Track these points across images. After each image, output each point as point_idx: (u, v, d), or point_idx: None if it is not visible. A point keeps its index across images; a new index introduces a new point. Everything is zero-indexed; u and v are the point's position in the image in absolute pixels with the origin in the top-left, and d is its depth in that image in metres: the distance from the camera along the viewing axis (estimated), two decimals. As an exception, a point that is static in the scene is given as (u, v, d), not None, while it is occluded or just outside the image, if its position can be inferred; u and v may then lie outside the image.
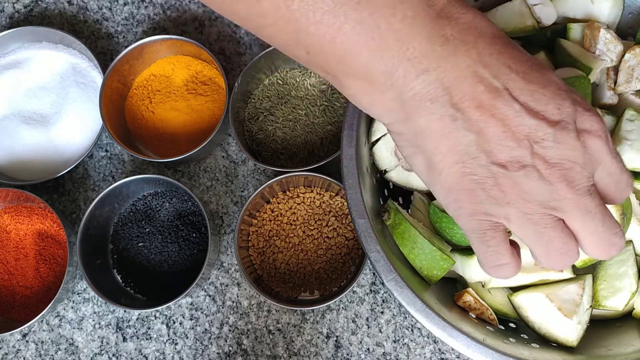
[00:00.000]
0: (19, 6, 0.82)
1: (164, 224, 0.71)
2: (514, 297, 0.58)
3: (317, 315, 0.71)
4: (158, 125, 0.74)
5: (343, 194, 0.70)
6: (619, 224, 0.46)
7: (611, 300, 0.56)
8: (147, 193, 0.73)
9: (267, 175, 0.75)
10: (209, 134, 0.70)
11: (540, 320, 0.57)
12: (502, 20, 0.62)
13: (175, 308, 0.72)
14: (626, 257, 0.57)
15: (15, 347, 0.73)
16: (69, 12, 0.81)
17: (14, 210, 0.73)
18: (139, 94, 0.75)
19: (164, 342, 0.72)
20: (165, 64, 0.76)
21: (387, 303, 0.71)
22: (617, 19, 0.63)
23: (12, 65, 0.76)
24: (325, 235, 0.70)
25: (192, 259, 0.71)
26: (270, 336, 0.71)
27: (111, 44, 0.80)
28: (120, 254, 0.72)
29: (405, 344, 0.70)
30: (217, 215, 0.75)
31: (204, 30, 0.79)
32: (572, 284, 0.57)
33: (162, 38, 0.73)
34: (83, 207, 0.76)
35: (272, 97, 0.74)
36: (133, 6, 0.81)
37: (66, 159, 0.74)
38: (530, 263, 0.57)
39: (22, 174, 0.74)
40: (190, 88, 0.74)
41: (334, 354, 0.70)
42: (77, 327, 0.73)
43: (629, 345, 0.56)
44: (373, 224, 0.55)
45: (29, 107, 0.74)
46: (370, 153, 0.60)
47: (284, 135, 0.72)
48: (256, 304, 0.72)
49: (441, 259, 0.55)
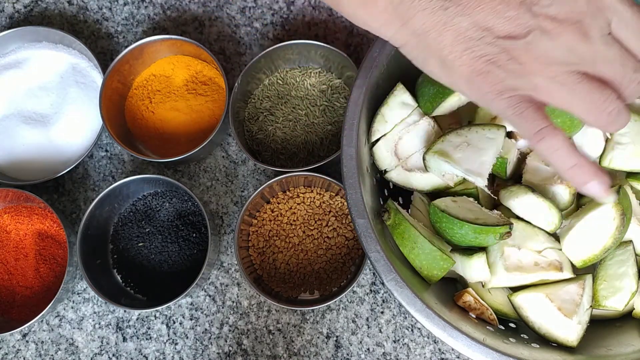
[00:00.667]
0: (19, 6, 0.82)
1: (164, 224, 0.71)
2: (514, 297, 0.58)
3: (317, 315, 0.71)
4: (158, 125, 0.74)
5: (343, 194, 0.70)
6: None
7: (611, 300, 0.56)
8: (147, 193, 0.73)
9: (267, 175, 0.75)
10: (209, 134, 0.70)
11: (541, 320, 0.57)
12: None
13: (175, 308, 0.72)
14: (626, 257, 0.57)
15: (15, 347, 0.73)
16: (69, 12, 0.81)
17: (14, 210, 0.73)
18: (139, 94, 0.75)
19: (164, 342, 0.72)
20: (165, 64, 0.76)
21: (387, 303, 0.71)
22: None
23: (12, 65, 0.76)
24: (325, 235, 0.70)
25: (192, 259, 0.71)
26: (270, 336, 0.71)
27: (111, 44, 0.80)
28: (120, 254, 0.72)
29: (405, 344, 0.70)
30: (217, 215, 0.75)
31: (204, 30, 0.79)
32: (572, 284, 0.57)
33: (162, 38, 0.73)
34: (83, 207, 0.76)
35: (272, 97, 0.74)
36: (133, 6, 0.81)
37: (66, 159, 0.74)
38: (531, 263, 0.57)
39: (22, 174, 0.74)
40: (190, 88, 0.74)
41: (334, 354, 0.70)
42: (77, 327, 0.73)
43: (629, 345, 0.56)
44: (373, 224, 0.55)
45: (29, 107, 0.74)
46: (370, 153, 0.60)
47: (284, 135, 0.72)
48: (256, 304, 0.72)
49: (441, 259, 0.55)
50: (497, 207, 0.60)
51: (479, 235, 0.54)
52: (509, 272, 0.56)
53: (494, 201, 0.60)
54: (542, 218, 0.57)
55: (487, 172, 0.54)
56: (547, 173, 0.58)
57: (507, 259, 0.57)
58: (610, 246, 0.55)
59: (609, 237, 0.55)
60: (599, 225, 0.55)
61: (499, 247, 0.57)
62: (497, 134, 0.56)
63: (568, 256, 0.57)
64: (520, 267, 0.57)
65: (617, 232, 0.54)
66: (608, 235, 0.55)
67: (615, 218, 0.54)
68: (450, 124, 0.62)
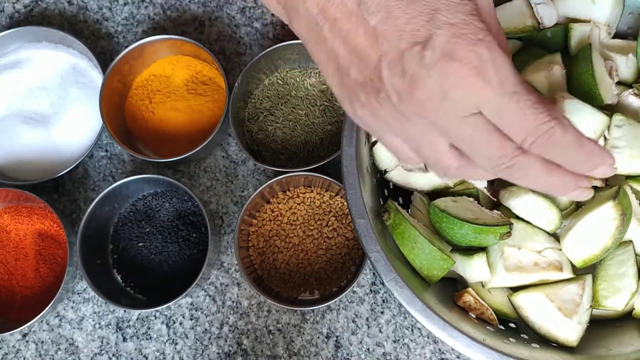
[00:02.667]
0: (19, 6, 0.82)
1: (164, 224, 0.71)
2: (514, 297, 0.58)
3: (317, 315, 0.71)
4: (158, 125, 0.74)
5: (343, 194, 0.70)
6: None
7: (611, 300, 0.56)
8: (147, 193, 0.73)
9: (267, 175, 0.75)
10: (209, 134, 0.70)
11: (541, 320, 0.57)
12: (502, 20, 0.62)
13: (175, 308, 0.72)
14: (626, 257, 0.57)
15: (15, 347, 0.73)
16: (69, 12, 0.81)
17: (13, 210, 0.73)
18: (139, 94, 0.75)
19: (164, 342, 0.72)
20: (165, 64, 0.76)
21: (387, 303, 0.71)
22: (618, 18, 0.63)
23: (12, 65, 0.76)
24: (325, 235, 0.70)
25: (192, 259, 0.71)
26: (270, 336, 0.71)
27: (111, 44, 0.80)
28: (120, 254, 0.72)
29: (405, 344, 0.70)
30: (217, 215, 0.75)
31: (204, 30, 0.79)
32: (572, 284, 0.57)
33: (162, 38, 0.73)
34: (83, 207, 0.76)
35: (272, 97, 0.74)
36: (133, 6, 0.81)
37: (66, 159, 0.74)
38: (530, 263, 0.57)
39: (22, 174, 0.74)
40: (190, 88, 0.74)
41: (334, 354, 0.70)
42: (77, 327, 0.73)
43: (629, 345, 0.56)
44: (373, 224, 0.55)
45: (29, 107, 0.74)
46: (370, 153, 0.60)
47: (284, 135, 0.72)
48: (256, 304, 0.72)
49: (441, 259, 0.55)
50: (497, 207, 0.60)
51: (478, 235, 0.54)
52: (509, 272, 0.56)
53: (493, 201, 0.60)
54: (542, 218, 0.57)
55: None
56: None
57: (507, 259, 0.57)
58: (610, 246, 0.55)
59: (609, 237, 0.55)
60: (598, 225, 0.55)
61: (499, 247, 0.57)
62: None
63: (568, 256, 0.57)
64: (520, 267, 0.57)
65: (617, 232, 0.54)
66: (608, 236, 0.55)
67: (615, 218, 0.54)
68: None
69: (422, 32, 0.36)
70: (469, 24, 0.36)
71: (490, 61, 0.35)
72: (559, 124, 0.36)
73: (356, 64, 0.38)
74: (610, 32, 0.63)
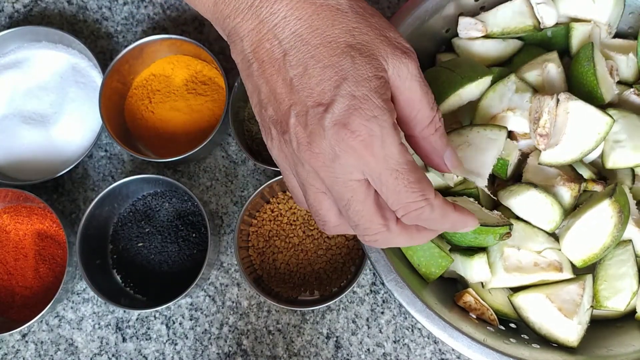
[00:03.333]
0: (18, 6, 0.82)
1: (164, 224, 0.71)
2: (514, 298, 0.58)
3: (317, 315, 0.71)
4: (158, 125, 0.74)
5: (343, 194, 0.70)
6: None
7: (612, 300, 0.56)
8: (147, 193, 0.73)
9: (267, 175, 0.75)
10: (209, 134, 0.70)
11: (541, 320, 0.57)
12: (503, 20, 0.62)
13: (175, 308, 0.72)
14: (626, 258, 0.57)
15: (14, 347, 0.73)
16: (69, 11, 0.81)
17: (13, 210, 0.73)
18: (139, 94, 0.75)
19: (163, 343, 0.72)
20: (165, 63, 0.76)
21: (387, 303, 0.71)
22: (618, 18, 0.63)
23: (12, 65, 0.76)
24: (325, 236, 0.70)
25: (192, 259, 0.71)
26: (270, 336, 0.71)
27: (111, 43, 0.80)
28: (120, 254, 0.72)
29: (405, 344, 0.70)
30: (217, 215, 0.74)
31: (204, 30, 0.79)
32: (572, 284, 0.56)
33: (162, 38, 0.73)
34: (83, 207, 0.76)
35: (272, 97, 0.74)
36: (133, 6, 0.81)
37: (66, 159, 0.73)
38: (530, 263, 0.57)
39: (21, 174, 0.74)
40: (190, 88, 0.74)
41: (334, 355, 0.70)
42: (77, 328, 0.73)
43: (630, 346, 0.56)
44: (373, 224, 0.55)
45: (29, 107, 0.74)
46: (370, 153, 0.60)
47: (284, 135, 0.72)
48: (256, 304, 0.72)
49: (439, 257, 0.55)
50: (497, 208, 0.60)
51: (478, 236, 0.54)
52: (509, 273, 0.56)
53: (494, 201, 0.60)
54: (542, 216, 0.56)
55: (488, 173, 0.54)
56: (549, 173, 0.58)
57: (506, 259, 0.57)
58: (609, 244, 0.55)
59: (608, 235, 0.55)
60: (597, 224, 0.55)
61: (499, 248, 0.57)
62: (499, 134, 0.56)
63: (568, 256, 0.57)
64: (520, 267, 0.57)
65: (615, 230, 0.54)
66: (607, 234, 0.55)
67: (612, 216, 0.54)
68: (451, 123, 0.61)
69: (327, 95, 0.40)
70: (368, 100, 0.40)
71: (379, 137, 0.40)
72: (428, 204, 0.42)
73: (273, 104, 0.43)
74: (610, 31, 0.63)
